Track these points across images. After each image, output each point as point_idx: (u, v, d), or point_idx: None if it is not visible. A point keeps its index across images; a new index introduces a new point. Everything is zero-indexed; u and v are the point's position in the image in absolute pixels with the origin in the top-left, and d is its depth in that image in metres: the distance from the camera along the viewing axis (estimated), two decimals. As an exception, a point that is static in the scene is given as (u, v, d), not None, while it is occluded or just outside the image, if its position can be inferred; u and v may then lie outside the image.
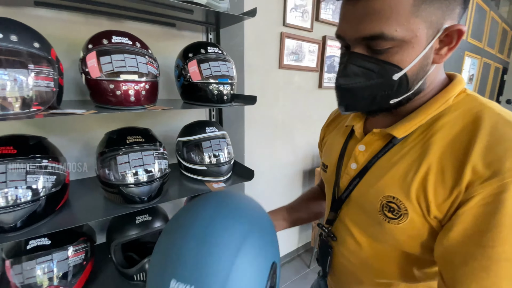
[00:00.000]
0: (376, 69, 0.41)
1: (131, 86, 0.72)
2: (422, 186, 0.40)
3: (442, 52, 0.41)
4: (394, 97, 0.43)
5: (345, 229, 0.54)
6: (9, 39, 0.57)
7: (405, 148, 0.44)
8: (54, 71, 0.66)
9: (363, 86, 0.43)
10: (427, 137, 0.42)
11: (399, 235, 0.43)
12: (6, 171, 0.62)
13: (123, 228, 0.86)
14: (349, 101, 0.46)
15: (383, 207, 0.44)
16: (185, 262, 0.37)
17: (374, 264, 0.50)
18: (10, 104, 0.59)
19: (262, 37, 1.40)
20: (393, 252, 0.47)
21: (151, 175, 0.80)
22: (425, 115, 0.44)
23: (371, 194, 0.46)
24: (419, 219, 0.41)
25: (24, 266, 0.70)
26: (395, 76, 0.40)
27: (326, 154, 0.63)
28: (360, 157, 0.51)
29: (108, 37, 0.72)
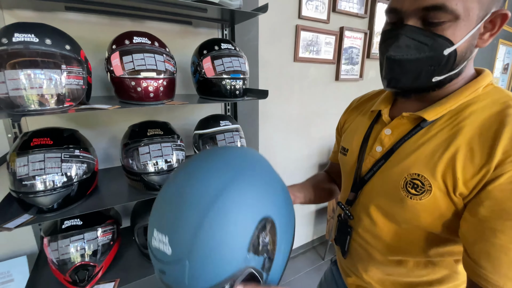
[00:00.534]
0: (430, 43, 0.43)
1: (150, 83, 0.78)
2: (451, 164, 0.42)
3: (485, 37, 0.44)
4: (438, 74, 0.45)
5: (363, 208, 0.56)
6: (44, 42, 0.65)
7: (432, 131, 0.47)
8: (83, 70, 0.74)
9: (413, 59, 0.45)
10: (456, 122, 0.45)
11: (419, 211, 0.46)
12: (44, 160, 0.71)
13: (146, 213, 0.94)
14: (395, 74, 0.48)
15: (406, 184, 0.47)
16: (162, 214, 0.39)
17: (388, 242, 0.53)
18: (46, 100, 0.67)
19: (277, 31, 1.41)
20: (408, 230, 0.50)
21: (170, 164, 0.87)
22: (455, 101, 0.46)
23: (395, 172, 0.49)
24: (442, 195, 0.43)
25: (59, 243, 0.80)
26: (446, 51, 0.43)
27: (348, 138, 0.65)
28: (386, 140, 0.54)
29: (129, 38, 0.78)
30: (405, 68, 0.46)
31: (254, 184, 0.42)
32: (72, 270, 0.80)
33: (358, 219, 0.58)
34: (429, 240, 0.49)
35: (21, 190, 0.69)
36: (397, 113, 0.55)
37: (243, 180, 0.40)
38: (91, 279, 0.82)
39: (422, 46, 0.44)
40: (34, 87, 0.64)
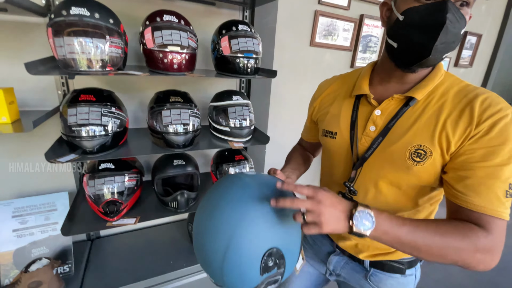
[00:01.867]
0: (461, 20, 0.51)
1: (175, 56, 0.92)
2: (444, 131, 0.54)
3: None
4: (448, 51, 0.53)
5: (369, 181, 0.65)
6: (94, 16, 0.80)
7: (419, 108, 0.59)
8: (122, 41, 0.89)
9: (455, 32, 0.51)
10: (435, 100, 0.58)
11: (422, 173, 0.57)
12: (88, 112, 0.89)
13: (164, 168, 1.12)
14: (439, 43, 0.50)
15: (411, 155, 0.57)
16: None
17: (390, 204, 0.65)
18: (93, 64, 0.83)
19: (296, 15, 1.49)
20: (408, 191, 0.62)
21: (186, 128, 1.02)
22: (432, 83, 0.59)
23: (398, 147, 0.59)
24: (439, 157, 0.55)
25: (96, 181, 1.00)
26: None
27: (333, 123, 0.72)
28: (378, 120, 0.63)
29: (160, 16, 0.92)
30: (448, 37, 0.50)
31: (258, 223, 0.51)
32: (104, 204, 1.00)
33: (364, 192, 0.67)
34: (421, 193, 0.62)
35: (70, 135, 0.88)
36: (381, 96, 0.64)
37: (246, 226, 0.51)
38: (118, 212, 1.02)
39: (459, 22, 0.50)
40: (84, 52, 0.81)
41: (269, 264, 0.51)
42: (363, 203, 0.66)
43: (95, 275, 1.17)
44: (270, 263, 0.51)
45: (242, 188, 0.57)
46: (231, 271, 0.51)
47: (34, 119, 0.83)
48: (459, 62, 2.51)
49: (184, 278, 1.24)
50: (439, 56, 0.54)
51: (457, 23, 0.50)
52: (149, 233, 1.45)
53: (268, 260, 0.51)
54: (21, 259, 1.08)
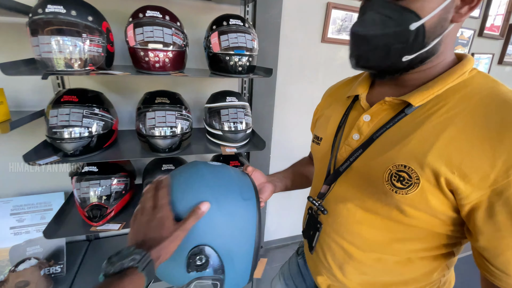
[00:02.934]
0: (395, 16, 0.40)
1: (156, 54, 0.86)
2: (444, 155, 0.38)
3: (463, 11, 0.40)
4: (407, 53, 0.42)
5: (339, 202, 0.53)
6: (70, 13, 0.76)
7: (419, 117, 0.43)
8: (103, 40, 0.85)
9: (379, 35, 0.42)
10: (445, 109, 0.41)
11: (405, 206, 0.42)
12: (69, 113, 0.86)
13: (153, 172, 1.07)
14: (363, 52, 0.45)
15: (391, 177, 0.43)
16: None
17: (367, 237, 0.50)
18: (71, 63, 0.80)
19: (304, 9, 1.36)
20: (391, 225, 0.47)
21: (172, 131, 0.96)
22: (443, 85, 0.42)
23: (377, 164, 0.45)
24: (431, 188, 0.40)
25: (82, 184, 0.98)
26: (412, 26, 0.39)
27: (321, 127, 0.63)
28: (364, 127, 0.50)
29: (143, 12, 0.87)
30: (372, 44, 0.43)
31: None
32: (89, 208, 0.97)
33: (333, 213, 0.54)
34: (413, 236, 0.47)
35: (52, 136, 0.86)
36: (376, 99, 0.50)
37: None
38: (102, 217, 0.99)
39: (388, 21, 0.41)
40: (61, 51, 0.77)
41: (197, 262, 0.44)
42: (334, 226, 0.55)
43: (86, 276, 1.15)
44: (198, 262, 0.44)
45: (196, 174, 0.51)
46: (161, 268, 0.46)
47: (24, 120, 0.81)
48: (504, 59, 2.18)
49: None
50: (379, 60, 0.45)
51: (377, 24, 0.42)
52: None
53: (195, 258, 0.44)
54: (17, 257, 1.09)
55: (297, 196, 0.87)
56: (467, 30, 1.94)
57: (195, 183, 0.48)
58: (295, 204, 1.83)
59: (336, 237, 0.55)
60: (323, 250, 0.59)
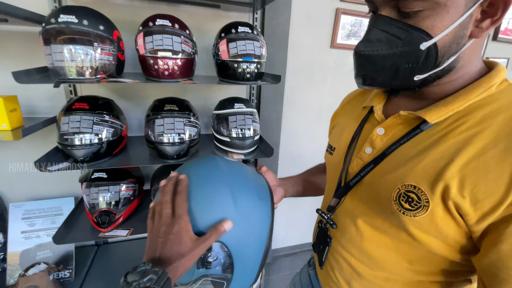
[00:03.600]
0: (403, 36, 0.37)
1: (165, 62, 0.87)
2: (457, 178, 0.35)
3: (484, 25, 0.36)
4: (419, 73, 0.39)
5: (348, 217, 0.51)
6: (82, 23, 0.78)
7: (435, 135, 0.40)
8: (114, 48, 0.86)
9: (385, 54, 0.39)
10: (465, 127, 0.37)
11: (413, 228, 0.40)
12: (80, 120, 0.87)
13: (161, 178, 1.07)
14: (368, 72, 0.42)
15: (399, 197, 0.40)
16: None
17: (376, 256, 0.48)
18: (83, 71, 0.81)
19: (313, 15, 1.35)
20: (398, 244, 0.45)
21: (180, 138, 0.96)
22: (464, 100, 0.39)
23: (387, 181, 0.43)
24: (442, 213, 0.37)
25: (91, 190, 0.98)
26: (422, 45, 0.36)
27: (335, 136, 0.61)
28: (377, 141, 0.47)
29: (153, 20, 0.87)
30: (377, 64, 0.40)
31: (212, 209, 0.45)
32: (98, 214, 0.98)
33: (342, 228, 0.53)
34: (424, 258, 0.44)
35: (63, 143, 0.87)
36: (392, 111, 0.48)
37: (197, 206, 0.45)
38: (111, 223, 0.99)
39: (395, 40, 0.38)
40: (73, 60, 0.79)
41: (208, 259, 0.44)
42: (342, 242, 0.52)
43: (94, 281, 1.16)
44: (209, 259, 0.44)
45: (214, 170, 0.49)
46: None
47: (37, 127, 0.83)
48: (521, 63, 2.11)
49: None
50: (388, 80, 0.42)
51: (383, 44, 0.39)
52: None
53: (208, 254, 0.43)
54: (27, 261, 1.11)
55: (306, 203, 0.86)
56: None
57: (213, 179, 0.47)
58: (304, 212, 1.80)
59: (344, 252, 0.53)
60: (331, 265, 0.57)
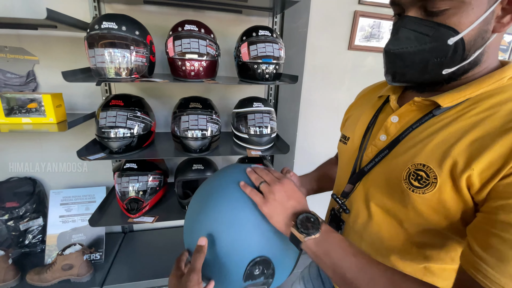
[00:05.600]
0: (431, 33, 0.40)
1: (192, 63, 0.95)
2: (465, 155, 0.38)
3: (505, 20, 0.39)
4: (447, 66, 0.42)
5: (361, 202, 0.54)
6: (121, 29, 0.88)
7: (445, 119, 0.43)
8: (147, 51, 0.96)
9: (415, 51, 0.42)
10: (475, 112, 0.41)
11: (422, 205, 0.43)
12: (116, 115, 0.97)
13: (184, 171, 1.15)
14: (398, 68, 0.46)
15: (409, 176, 0.43)
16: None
17: (384, 239, 0.51)
18: (120, 72, 0.91)
19: (331, 17, 1.39)
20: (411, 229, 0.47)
21: (203, 133, 1.04)
22: (476, 88, 0.42)
23: (398, 163, 0.46)
24: (449, 189, 0.40)
25: (122, 179, 1.09)
26: (450, 41, 0.40)
27: (350, 126, 0.63)
28: (392, 128, 0.51)
29: (182, 26, 0.96)
30: (408, 61, 0.44)
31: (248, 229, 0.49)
32: (128, 201, 1.08)
33: (356, 213, 0.55)
34: (433, 240, 0.46)
35: (101, 135, 0.98)
36: (407, 101, 0.51)
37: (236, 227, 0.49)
38: (139, 210, 1.09)
39: (423, 37, 0.42)
40: (112, 62, 0.89)
41: (254, 272, 0.48)
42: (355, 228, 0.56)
43: (121, 265, 1.26)
44: (256, 272, 0.48)
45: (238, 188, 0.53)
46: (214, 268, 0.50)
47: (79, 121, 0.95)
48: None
49: (199, 282, 1.25)
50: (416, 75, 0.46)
51: (412, 41, 0.43)
52: (176, 233, 1.52)
53: (254, 268, 0.48)
54: (63, 243, 1.23)
55: (319, 200, 0.90)
56: (507, 36, 1.84)
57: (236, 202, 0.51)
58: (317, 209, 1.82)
59: (355, 237, 0.57)
60: None
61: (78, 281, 1.13)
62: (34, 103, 1.01)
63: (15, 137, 1.25)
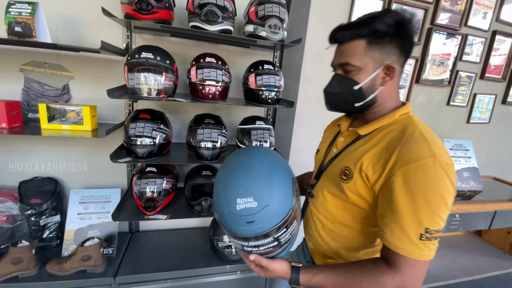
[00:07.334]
0: (346, 83, 0.68)
1: (210, 88, 1.18)
2: (366, 162, 0.65)
3: (386, 79, 0.67)
4: (356, 102, 0.69)
5: (319, 189, 0.80)
6: (156, 58, 1.10)
7: (365, 140, 0.70)
8: (174, 76, 1.18)
9: (338, 92, 0.71)
10: (377, 136, 0.68)
11: (348, 191, 0.69)
12: (144, 127, 1.18)
13: (194, 176, 1.35)
14: (331, 101, 0.75)
15: (341, 173, 0.71)
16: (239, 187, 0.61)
17: (333, 212, 0.76)
18: (151, 93, 1.12)
19: (322, 52, 1.67)
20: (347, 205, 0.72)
21: (214, 145, 1.25)
22: (381, 122, 0.70)
23: (337, 166, 0.74)
24: (360, 181, 0.66)
25: (142, 181, 1.27)
26: (355, 87, 0.67)
27: (321, 143, 0.93)
28: (339, 145, 0.79)
29: (203, 58, 1.20)
30: (335, 97, 0.73)
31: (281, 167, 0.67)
32: (145, 200, 1.25)
33: (316, 197, 0.81)
34: (360, 214, 0.71)
35: (129, 142, 1.17)
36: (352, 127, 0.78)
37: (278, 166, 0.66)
38: (154, 208, 1.26)
39: (342, 84, 0.69)
40: (146, 84, 1.11)
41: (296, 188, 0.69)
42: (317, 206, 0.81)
43: (130, 261, 1.40)
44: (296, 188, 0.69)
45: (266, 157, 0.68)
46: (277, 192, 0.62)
47: (107, 129, 1.14)
48: (507, 99, 2.39)
49: (200, 278, 1.40)
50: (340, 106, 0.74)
51: (334, 86, 0.71)
52: (178, 234, 1.67)
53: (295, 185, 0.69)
54: (79, 237, 1.37)
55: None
56: (468, 73, 2.18)
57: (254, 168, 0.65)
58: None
59: (316, 212, 0.81)
60: (309, 222, 0.85)
61: (94, 271, 1.27)
62: (73, 113, 1.20)
63: (44, 140, 1.42)
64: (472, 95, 2.27)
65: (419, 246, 0.56)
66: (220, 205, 0.64)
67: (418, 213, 0.56)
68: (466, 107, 2.29)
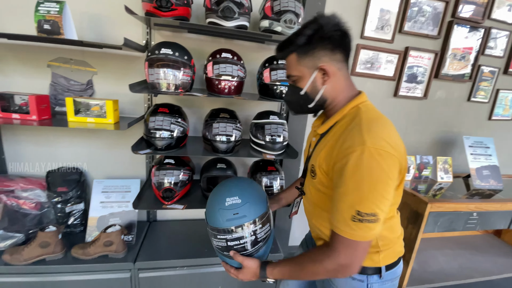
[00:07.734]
0: (294, 90, 0.78)
1: (226, 83, 1.21)
2: (323, 157, 0.73)
3: (325, 79, 0.73)
4: (308, 103, 0.78)
5: (306, 187, 0.89)
6: (175, 54, 1.14)
7: (325, 139, 0.76)
8: (191, 71, 1.22)
9: (291, 99, 0.82)
10: (332, 132, 0.74)
11: (317, 185, 0.77)
12: (163, 120, 1.23)
13: (209, 169, 1.39)
14: (291, 107, 0.86)
15: (311, 171, 0.80)
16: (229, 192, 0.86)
17: (316, 201, 0.83)
18: (170, 87, 1.17)
19: (337, 49, 1.66)
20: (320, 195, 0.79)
21: (229, 138, 1.28)
22: (333, 120, 0.76)
23: (309, 165, 0.83)
24: (322, 175, 0.74)
25: (160, 172, 1.32)
26: (301, 92, 0.76)
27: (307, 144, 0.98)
28: (312, 144, 0.86)
29: (220, 53, 1.23)
30: (292, 103, 0.84)
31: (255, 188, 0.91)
32: (163, 190, 1.31)
33: (306, 193, 0.91)
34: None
35: (149, 135, 1.22)
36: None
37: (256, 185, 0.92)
38: (172, 198, 1.32)
39: (292, 92, 0.80)
40: (166, 79, 1.15)
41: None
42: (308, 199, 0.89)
43: (148, 247, 1.47)
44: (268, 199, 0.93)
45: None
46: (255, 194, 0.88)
47: (128, 122, 1.19)
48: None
49: (213, 267, 1.46)
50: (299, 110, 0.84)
51: (288, 94, 0.83)
52: (193, 224, 1.73)
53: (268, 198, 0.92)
54: (102, 225, 1.45)
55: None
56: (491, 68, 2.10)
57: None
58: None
59: (308, 206, 0.91)
60: (307, 217, 0.93)
61: (115, 256, 1.35)
62: (97, 107, 1.27)
63: (69, 133, 1.51)
64: (495, 90, 2.19)
65: (351, 227, 0.63)
66: (212, 206, 0.85)
67: (348, 196, 0.63)
68: (488, 103, 2.21)
